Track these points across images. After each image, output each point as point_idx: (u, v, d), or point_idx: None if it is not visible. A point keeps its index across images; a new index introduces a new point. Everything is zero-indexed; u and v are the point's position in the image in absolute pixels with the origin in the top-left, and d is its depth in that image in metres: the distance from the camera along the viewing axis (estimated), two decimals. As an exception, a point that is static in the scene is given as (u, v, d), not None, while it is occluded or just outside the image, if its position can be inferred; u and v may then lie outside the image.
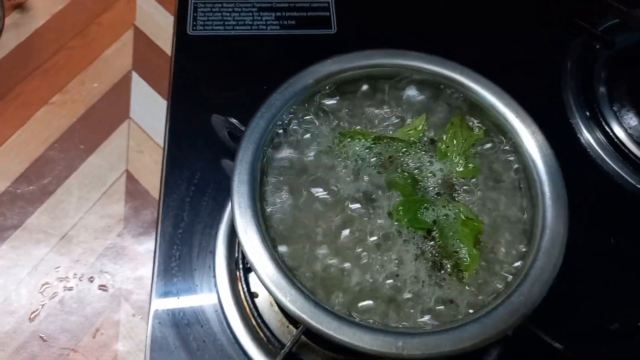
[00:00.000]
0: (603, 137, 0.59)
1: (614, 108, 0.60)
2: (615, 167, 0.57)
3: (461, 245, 0.37)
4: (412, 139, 0.41)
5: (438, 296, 0.36)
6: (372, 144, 0.41)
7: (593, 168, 0.58)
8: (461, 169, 0.40)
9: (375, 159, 0.40)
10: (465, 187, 0.40)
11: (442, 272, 0.37)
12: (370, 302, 0.35)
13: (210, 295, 0.48)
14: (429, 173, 0.40)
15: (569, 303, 0.50)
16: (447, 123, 0.42)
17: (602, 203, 0.56)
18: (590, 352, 0.48)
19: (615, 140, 0.58)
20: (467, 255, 0.36)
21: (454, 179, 0.40)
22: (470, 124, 0.42)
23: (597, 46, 0.63)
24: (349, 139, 0.41)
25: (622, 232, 0.54)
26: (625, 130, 0.58)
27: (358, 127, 0.42)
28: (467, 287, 0.36)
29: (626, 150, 0.57)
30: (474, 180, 0.40)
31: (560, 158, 0.40)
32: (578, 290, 0.51)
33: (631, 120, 0.59)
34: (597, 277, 0.52)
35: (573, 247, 0.47)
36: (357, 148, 0.41)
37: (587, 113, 0.60)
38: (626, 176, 0.56)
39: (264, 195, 0.38)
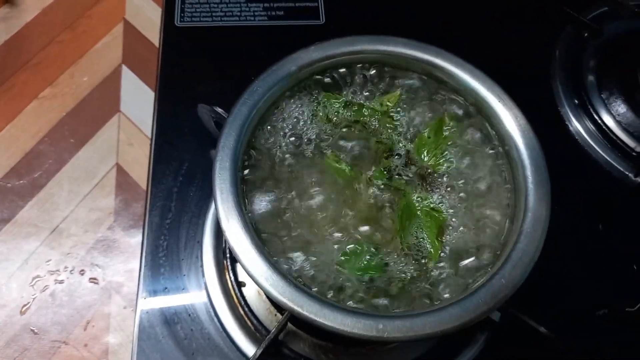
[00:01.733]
0: (592, 125, 0.59)
1: (602, 96, 0.60)
2: (604, 154, 0.57)
3: (424, 235, 0.37)
4: (382, 108, 0.42)
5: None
6: (343, 107, 0.42)
7: (582, 156, 0.57)
8: (432, 162, 0.40)
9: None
10: (438, 179, 0.40)
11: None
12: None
13: (197, 285, 0.48)
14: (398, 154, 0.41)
15: (556, 289, 0.50)
16: (425, 109, 0.42)
17: (591, 190, 0.56)
18: (578, 337, 0.48)
19: (604, 128, 0.58)
20: (429, 245, 0.37)
21: (427, 169, 0.40)
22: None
23: (586, 34, 0.63)
24: (325, 100, 0.42)
25: (610, 219, 0.54)
26: (614, 117, 0.58)
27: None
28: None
29: (615, 137, 0.57)
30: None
31: (550, 146, 0.40)
32: (566, 276, 0.51)
33: (619, 107, 0.59)
34: (586, 264, 0.52)
35: (562, 233, 0.47)
36: (331, 109, 0.42)
37: (576, 101, 0.60)
38: (615, 163, 0.56)
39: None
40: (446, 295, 0.35)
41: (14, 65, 0.72)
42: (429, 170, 0.40)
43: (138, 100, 0.71)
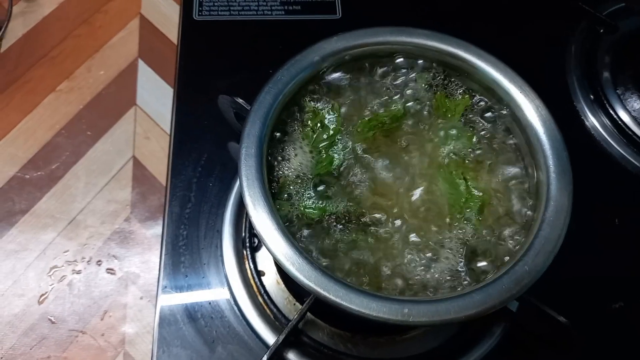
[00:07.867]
0: (607, 121, 0.59)
1: (618, 91, 0.60)
2: (619, 149, 0.57)
3: None
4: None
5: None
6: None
7: (598, 151, 0.58)
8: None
9: None
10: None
11: None
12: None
13: (217, 274, 0.48)
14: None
15: (573, 282, 0.50)
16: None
17: (607, 185, 0.56)
18: (594, 329, 0.48)
19: (620, 123, 0.58)
20: None
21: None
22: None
23: (601, 30, 0.63)
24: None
25: (626, 213, 0.54)
26: (630, 113, 0.59)
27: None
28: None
29: (630, 132, 0.57)
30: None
31: (566, 141, 0.40)
32: (583, 269, 0.51)
33: (635, 103, 0.59)
34: (602, 257, 0.52)
35: (578, 227, 0.47)
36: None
37: (592, 97, 0.60)
38: (630, 158, 0.57)
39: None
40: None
41: (31, 59, 0.73)
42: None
43: (154, 93, 0.72)
